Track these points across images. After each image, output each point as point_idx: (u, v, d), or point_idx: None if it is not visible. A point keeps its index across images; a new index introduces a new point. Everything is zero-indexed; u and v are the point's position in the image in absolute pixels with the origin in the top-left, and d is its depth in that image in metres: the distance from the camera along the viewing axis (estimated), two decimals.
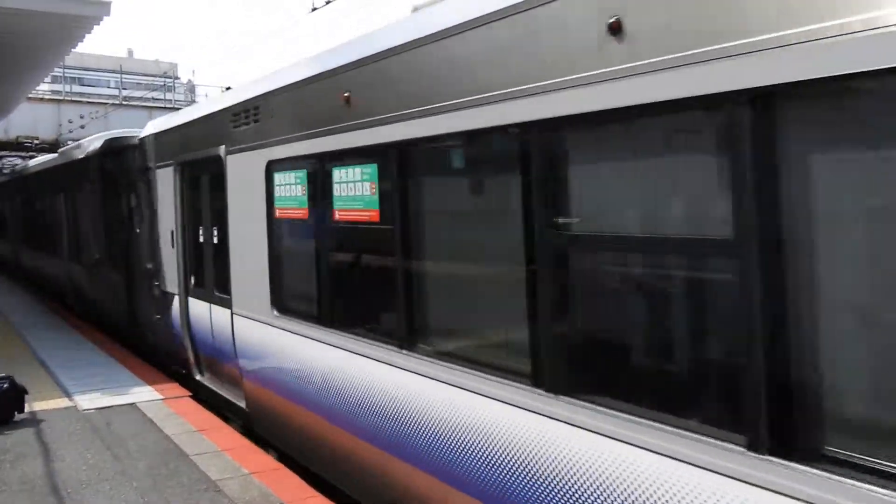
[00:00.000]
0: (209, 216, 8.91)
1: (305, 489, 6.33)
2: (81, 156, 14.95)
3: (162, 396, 9.37)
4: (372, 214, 5.50)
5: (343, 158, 5.79)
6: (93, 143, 14.68)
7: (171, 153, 9.92)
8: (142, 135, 11.46)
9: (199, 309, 9.20)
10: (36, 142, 31.52)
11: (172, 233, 9.91)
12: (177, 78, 49.47)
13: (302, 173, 6.53)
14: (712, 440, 3.03)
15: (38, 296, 20.41)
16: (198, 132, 9.05)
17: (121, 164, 13.14)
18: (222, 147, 8.14)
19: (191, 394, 9.52)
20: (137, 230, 11.96)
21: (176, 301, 9.91)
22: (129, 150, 12.80)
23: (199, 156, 8.91)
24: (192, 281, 9.50)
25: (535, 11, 3.86)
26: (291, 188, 6.73)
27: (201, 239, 9.14)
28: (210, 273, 8.88)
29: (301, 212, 6.60)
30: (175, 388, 9.78)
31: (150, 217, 10.92)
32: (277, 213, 7.04)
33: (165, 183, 10.11)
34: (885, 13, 2.42)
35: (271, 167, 7.04)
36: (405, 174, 5.14)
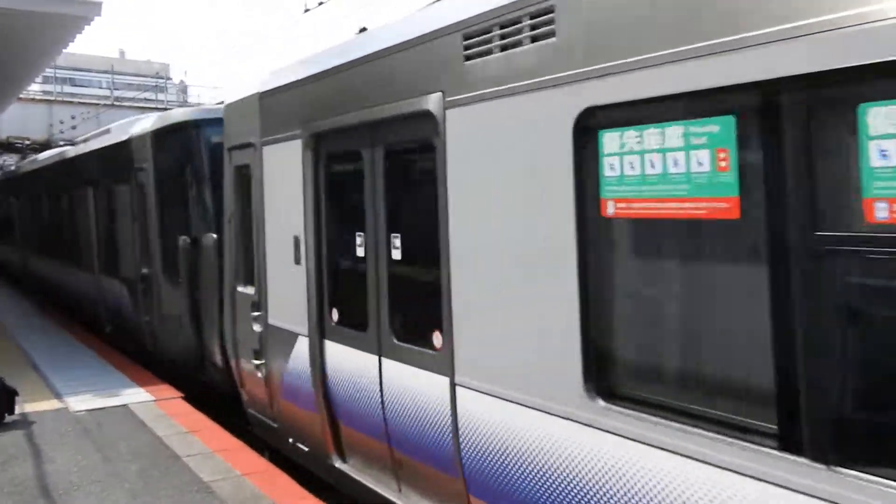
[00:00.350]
0: (381, 215, 5.55)
1: (297, 490, 6.32)
2: (123, 138, 11.65)
3: (153, 398, 9.34)
4: None
5: None
6: (137, 123, 11.58)
7: (298, 119, 6.45)
8: (231, 99, 8.01)
9: (351, 361, 5.94)
10: (27, 142, 31.40)
11: (297, 240, 6.57)
12: (169, 78, 49.39)
13: (723, 125, 3.08)
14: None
15: (31, 298, 20.30)
16: (364, 79, 5.61)
17: (183, 146, 10.14)
18: (434, 97, 4.79)
19: (182, 395, 9.49)
20: (213, 235, 9.28)
21: (301, 344, 6.56)
22: (194, 128, 9.99)
23: (370, 117, 5.47)
24: (336, 316, 6.21)
25: None
26: (672, 159, 3.31)
27: (361, 251, 5.85)
28: (383, 307, 5.57)
29: (714, 206, 3.17)
30: (167, 390, 9.75)
31: (243, 217, 7.77)
32: (615, 210, 3.62)
33: (282, 166, 6.76)
34: None
35: (595, 120, 3.69)
36: None
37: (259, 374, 7.40)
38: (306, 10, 13.21)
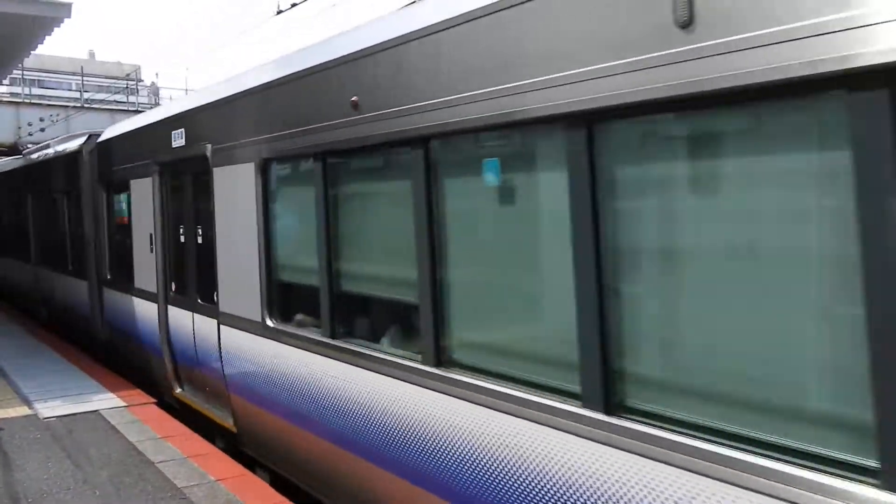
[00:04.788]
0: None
1: (272, 495, 6.29)
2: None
3: (126, 403, 9.23)
4: None
5: None
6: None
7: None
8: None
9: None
10: None
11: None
12: (140, 80, 48.80)
13: None
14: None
15: None
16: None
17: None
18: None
19: (155, 401, 9.40)
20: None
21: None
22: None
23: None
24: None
25: None
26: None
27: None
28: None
29: None
30: (139, 396, 9.64)
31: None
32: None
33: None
34: None
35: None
36: None
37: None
38: (279, 12, 13.15)
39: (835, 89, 2.66)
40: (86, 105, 34.72)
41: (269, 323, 6.73)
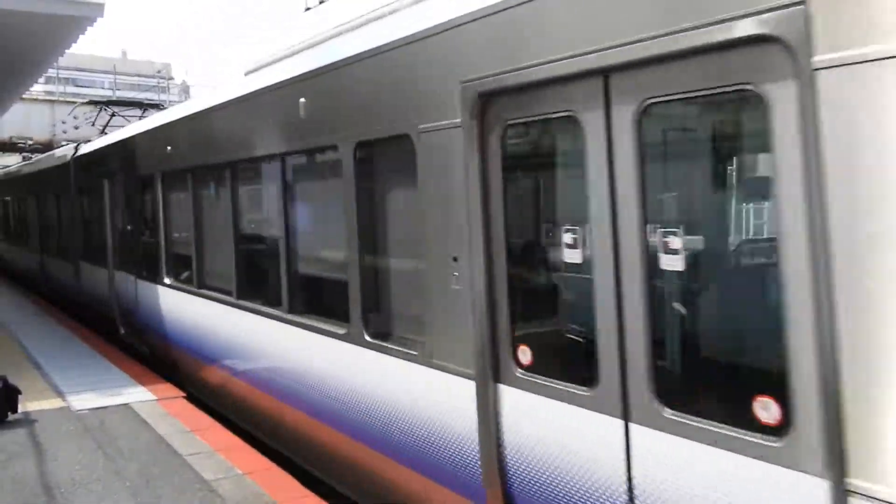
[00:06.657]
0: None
1: (299, 489, 6.35)
2: None
3: (155, 397, 9.37)
4: None
5: None
6: None
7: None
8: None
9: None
10: (30, 142, 31.46)
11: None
12: (171, 78, 49.40)
13: None
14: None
15: (31, 295, 20.33)
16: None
17: None
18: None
19: (185, 394, 9.53)
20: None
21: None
22: None
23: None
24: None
25: None
26: None
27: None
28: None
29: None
30: (169, 389, 9.78)
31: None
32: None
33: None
34: None
35: None
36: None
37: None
38: (307, 9, 13.22)
39: None
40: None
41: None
